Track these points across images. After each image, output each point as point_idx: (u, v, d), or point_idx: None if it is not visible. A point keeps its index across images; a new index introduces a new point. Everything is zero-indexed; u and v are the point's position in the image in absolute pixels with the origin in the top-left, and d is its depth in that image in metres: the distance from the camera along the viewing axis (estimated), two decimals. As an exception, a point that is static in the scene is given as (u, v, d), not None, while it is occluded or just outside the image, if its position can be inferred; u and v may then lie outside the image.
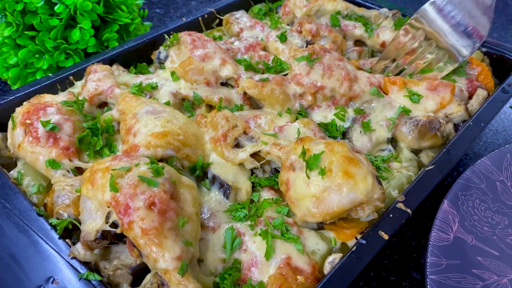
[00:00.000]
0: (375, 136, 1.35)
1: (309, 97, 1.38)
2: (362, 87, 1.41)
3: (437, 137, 1.33)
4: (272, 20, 1.81)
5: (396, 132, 1.35)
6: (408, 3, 2.69)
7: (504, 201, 1.19)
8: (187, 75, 1.45)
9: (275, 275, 0.95)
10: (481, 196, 1.18)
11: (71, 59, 1.66)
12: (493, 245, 1.11)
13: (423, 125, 1.32)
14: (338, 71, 1.38)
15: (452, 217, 1.11)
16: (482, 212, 1.15)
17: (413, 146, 1.35)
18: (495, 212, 1.17)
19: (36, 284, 0.95)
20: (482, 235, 1.11)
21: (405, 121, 1.35)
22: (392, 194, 1.18)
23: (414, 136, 1.32)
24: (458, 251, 1.06)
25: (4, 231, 1.04)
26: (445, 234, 1.08)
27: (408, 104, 1.40)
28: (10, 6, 1.56)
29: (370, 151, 1.33)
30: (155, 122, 1.19)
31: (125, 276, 1.01)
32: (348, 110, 1.38)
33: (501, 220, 1.16)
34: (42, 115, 1.22)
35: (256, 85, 1.39)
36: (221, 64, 1.49)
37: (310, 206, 1.02)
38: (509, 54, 1.62)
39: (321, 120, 1.38)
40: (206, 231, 1.06)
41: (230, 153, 1.20)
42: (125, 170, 0.96)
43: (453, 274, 1.01)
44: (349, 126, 1.35)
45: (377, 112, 1.39)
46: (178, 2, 2.67)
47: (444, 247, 1.06)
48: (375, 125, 1.37)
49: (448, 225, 1.10)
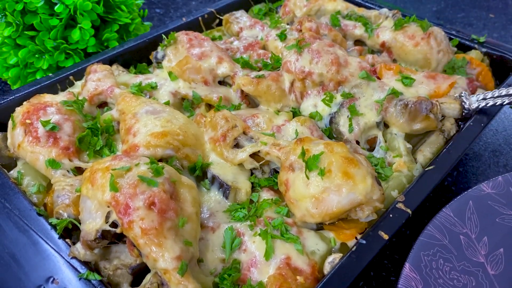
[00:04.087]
0: (364, 120, 1.31)
1: (298, 84, 1.37)
2: (351, 71, 1.37)
3: (430, 119, 1.27)
4: (272, 20, 1.81)
5: (386, 115, 1.31)
6: (408, 3, 2.69)
7: (470, 258, 1.07)
8: (184, 74, 1.45)
9: (274, 275, 0.95)
10: (445, 255, 1.06)
11: (71, 59, 1.66)
12: None
13: (413, 105, 1.27)
14: (326, 56, 1.36)
15: (415, 284, 0.99)
16: (447, 274, 1.03)
17: (405, 130, 1.30)
18: (461, 272, 1.04)
19: (36, 283, 0.95)
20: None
21: (395, 103, 1.30)
22: (392, 194, 1.18)
23: (404, 118, 1.28)
24: None
25: (4, 231, 1.04)
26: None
27: (399, 87, 1.37)
28: (10, 6, 1.56)
29: (358, 136, 1.30)
30: (155, 122, 1.19)
31: (125, 275, 1.01)
32: (336, 96, 1.35)
33: (467, 281, 1.03)
34: (42, 115, 1.22)
35: (252, 82, 1.39)
36: (218, 62, 1.48)
37: (310, 207, 1.02)
38: (509, 54, 1.62)
39: (312, 110, 1.36)
40: (205, 231, 1.06)
41: (229, 153, 1.20)
42: (125, 170, 0.97)
43: None
44: (336, 111, 1.33)
45: (367, 96, 1.35)
46: (178, 2, 2.67)
47: None
48: (364, 109, 1.33)
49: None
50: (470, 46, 1.69)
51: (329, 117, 1.35)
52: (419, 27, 1.59)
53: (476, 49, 1.68)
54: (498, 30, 2.43)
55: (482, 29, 2.43)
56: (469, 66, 1.60)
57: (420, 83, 1.39)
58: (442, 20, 2.50)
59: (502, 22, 2.50)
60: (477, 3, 2.68)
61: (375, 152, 1.32)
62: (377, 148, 1.32)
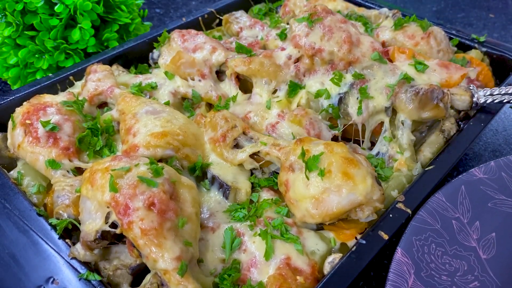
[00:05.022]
0: (373, 104, 1.27)
1: (307, 60, 1.32)
2: (363, 51, 1.33)
3: (439, 108, 1.24)
4: (272, 20, 1.81)
5: (395, 101, 1.27)
6: (408, 3, 2.69)
7: (462, 242, 1.07)
8: (179, 70, 1.44)
9: (274, 275, 0.95)
10: (437, 239, 1.05)
11: (71, 59, 1.66)
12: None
13: (424, 93, 1.23)
14: (338, 33, 1.31)
15: (407, 268, 0.99)
16: (439, 259, 1.03)
17: (413, 117, 1.27)
18: (453, 257, 1.04)
19: (36, 284, 0.95)
20: (441, 286, 0.99)
21: (406, 89, 1.26)
22: (392, 194, 1.18)
23: (414, 105, 1.24)
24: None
25: (4, 231, 1.04)
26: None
27: (412, 72, 1.32)
28: (10, 6, 1.56)
29: (365, 120, 1.27)
30: (155, 122, 1.19)
31: (125, 276, 1.01)
32: (346, 76, 1.31)
33: (459, 265, 1.04)
34: (42, 115, 1.22)
35: (244, 61, 1.36)
36: (212, 52, 1.46)
37: (310, 207, 1.02)
38: (509, 54, 1.62)
39: (319, 87, 1.31)
40: (205, 231, 1.06)
41: (229, 154, 1.20)
42: (125, 171, 0.97)
43: None
44: (346, 91, 1.28)
45: (378, 78, 1.31)
46: (178, 2, 2.67)
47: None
48: (374, 92, 1.29)
49: (403, 278, 0.97)
50: (470, 45, 1.69)
51: (338, 97, 1.30)
52: (419, 26, 1.58)
53: (476, 48, 1.68)
54: (498, 30, 2.43)
55: (482, 29, 2.43)
56: (469, 65, 1.60)
57: (433, 70, 1.35)
58: (442, 20, 2.50)
59: (502, 22, 2.50)
60: (477, 3, 2.68)
61: (378, 142, 1.29)
62: (380, 139, 1.30)
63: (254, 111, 1.32)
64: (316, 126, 1.26)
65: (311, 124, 1.26)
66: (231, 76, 1.43)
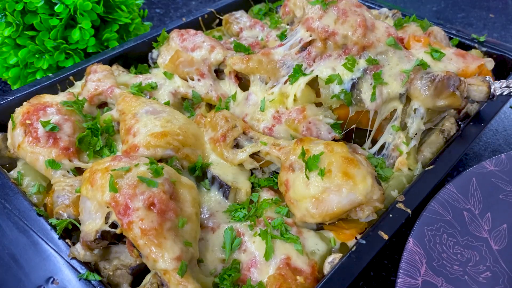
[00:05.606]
0: (387, 90, 1.23)
1: (319, 44, 1.29)
2: (378, 37, 1.28)
3: (455, 96, 1.19)
4: (272, 20, 1.81)
5: (410, 88, 1.23)
6: (408, 3, 2.69)
7: (473, 233, 1.08)
8: (178, 69, 1.45)
9: (274, 275, 0.95)
10: (449, 230, 1.06)
11: (71, 59, 1.66)
12: (465, 287, 0.98)
13: (440, 80, 1.19)
14: (353, 17, 1.27)
15: (419, 258, 0.99)
16: (451, 249, 1.03)
17: (428, 105, 1.23)
18: (465, 247, 1.05)
19: (36, 284, 0.95)
20: (453, 276, 0.99)
21: (421, 75, 1.22)
22: (392, 194, 1.18)
23: (429, 93, 1.20)
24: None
25: (4, 231, 1.04)
26: (413, 278, 0.97)
27: (428, 60, 1.28)
28: (10, 6, 1.56)
29: (379, 107, 1.23)
30: (155, 122, 1.19)
31: (125, 276, 1.01)
32: (359, 61, 1.26)
33: (471, 255, 1.04)
34: (42, 115, 1.22)
35: (242, 59, 1.35)
36: (210, 51, 1.47)
37: (310, 207, 1.02)
38: (509, 54, 1.62)
39: (330, 73, 1.27)
40: (205, 231, 1.06)
41: (229, 154, 1.20)
42: (125, 171, 0.97)
43: None
44: (359, 77, 1.24)
45: (392, 64, 1.26)
46: (178, 2, 2.67)
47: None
48: (388, 78, 1.25)
49: (415, 267, 0.98)
50: (470, 45, 1.69)
51: (351, 82, 1.25)
52: (419, 26, 1.59)
53: (476, 48, 1.68)
54: (498, 30, 2.43)
55: (482, 29, 2.43)
56: (469, 66, 1.60)
57: (449, 59, 1.31)
58: (442, 20, 2.50)
59: (502, 22, 2.50)
60: (477, 3, 2.68)
61: (386, 131, 1.28)
62: (388, 127, 1.28)
63: (250, 114, 1.31)
64: (314, 131, 1.24)
65: (308, 129, 1.23)
66: (229, 74, 1.43)
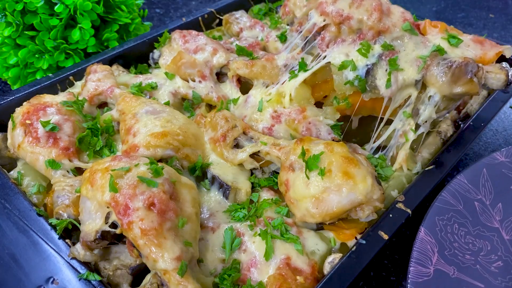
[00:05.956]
0: (403, 76, 1.21)
1: (333, 28, 1.27)
2: (393, 21, 1.26)
3: (473, 83, 1.16)
4: (272, 20, 1.81)
5: (426, 74, 1.20)
6: (408, 3, 2.69)
7: (485, 223, 1.08)
8: (180, 70, 1.45)
9: (274, 275, 0.95)
10: (460, 220, 1.07)
11: (71, 59, 1.66)
12: (477, 276, 0.99)
13: (458, 66, 1.15)
14: (368, 1, 1.25)
15: (430, 247, 1.00)
16: (462, 238, 1.04)
17: (444, 92, 1.19)
18: (476, 237, 1.06)
19: (36, 284, 0.95)
20: (464, 265, 1.00)
21: (438, 61, 1.19)
22: (392, 194, 1.18)
23: (446, 79, 1.16)
24: (440, 287, 0.96)
25: (4, 231, 1.04)
26: (425, 267, 0.97)
27: (444, 46, 1.25)
28: (10, 6, 1.56)
29: (394, 93, 1.21)
30: (155, 122, 1.19)
31: (125, 276, 1.01)
32: (374, 47, 1.24)
33: (483, 245, 1.05)
34: (42, 115, 1.22)
35: (246, 64, 1.36)
36: (213, 53, 1.47)
37: (310, 207, 1.02)
38: (509, 54, 1.62)
39: (343, 58, 1.24)
40: (205, 231, 1.06)
41: (229, 154, 1.20)
42: (125, 171, 0.97)
43: None
44: (374, 63, 1.22)
45: (408, 50, 1.23)
46: (178, 2, 2.67)
47: (424, 283, 0.95)
48: (404, 64, 1.22)
49: (427, 256, 0.99)
50: (470, 46, 1.68)
51: (365, 68, 1.23)
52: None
53: (476, 49, 1.67)
54: (498, 30, 2.43)
55: (482, 29, 2.43)
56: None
57: (467, 45, 1.29)
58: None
59: (502, 22, 2.50)
60: (477, 3, 2.68)
61: (396, 118, 1.26)
62: (399, 113, 1.26)
63: (249, 116, 1.32)
64: (313, 132, 1.24)
65: (308, 130, 1.23)
66: (232, 78, 1.43)
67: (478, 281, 0.99)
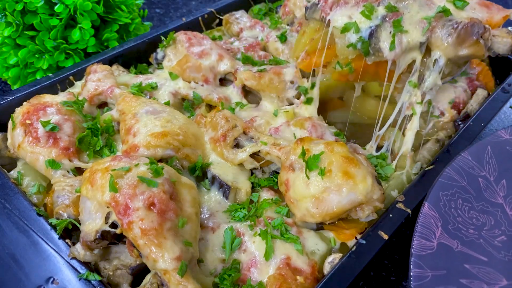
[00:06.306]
0: (407, 38, 1.17)
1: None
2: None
3: (479, 45, 1.14)
4: (272, 20, 1.81)
5: (431, 36, 1.17)
6: (408, 3, 2.68)
7: (488, 199, 1.08)
8: (185, 73, 1.45)
9: (274, 275, 0.95)
10: (464, 195, 1.07)
11: (71, 59, 1.66)
12: (480, 250, 1.00)
13: (464, 27, 1.13)
14: None
15: (434, 221, 1.00)
16: (466, 213, 1.04)
17: (449, 55, 1.17)
18: (480, 212, 1.06)
19: (36, 284, 0.95)
20: (468, 239, 1.00)
21: (443, 23, 1.16)
22: (392, 194, 1.18)
23: (451, 41, 1.14)
24: (444, 260, 0.96)
25: (4, 231, 1.04)
26: (428, 241, 0.98)
27: (450, 8, 1.22)
28: (10, 6, 1.56)
29: (398, 56, 1.19)
30: (155, 122, 1.19)
31: (125, 276, 1.01)
32: (378, 9, 1.21)
33: (486, 220, 1.05)
34: (42, 115, 1.22)
35: (254, 76, 1.39)
36: (219, 60, 1.48)
37: (310, 207, 1.02)
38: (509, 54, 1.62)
39: (346, 20, 1.21)
40: (205, 231, 1.06)
41: (229, 153, 1.20)
42: (125, 171, 0.97)
43: (439, 287, 0.91)
44: (377, 25, 1.19)
45: (413, 12, 1.20)
46: (178, 2, 2.67)
47: (427, 256, 0.95)
48: (409, 26, 1.18)
49: (431, 230, 1.00)
50: (470, 45, 1.68)
51: (369, 30, 1.19)
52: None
53: (476, 48, 1.67)
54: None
55: (482, 29, 2.43)
56: (469, 65, 1.60)
57: (473, 8, 1.25)
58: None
59: (502, 21, 2.50)
60: (477, 2, 2.67)
61: (404, 91, 1.24)
62: (406, 85, 1.24)
63: (261, 116, 1.35)
64: (318, 129, 1.27)
65: (314, 126, 1.27)
66: (238, 86, 1.46)
67: (482, 254, 0.99)
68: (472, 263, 0.97)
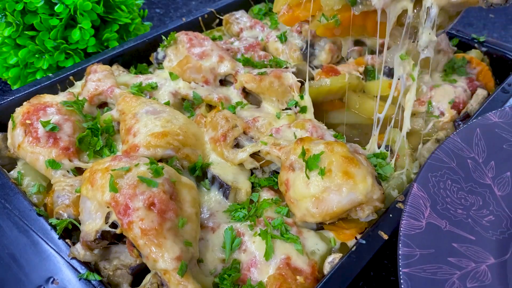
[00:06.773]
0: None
1: None
2: None
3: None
4: (272, 20, 1.81)
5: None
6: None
7: (477, 180, 1.09)
8: (185, 74, 1.46)
9: (274, 275, 0.95)
10: (453, 176, 1.08)
11: (71, 59, 1.66)
12: (468, 229, 1.01)
13: None
14: None
15: (423, 202, 1.02)
16: (454, 194, 1.05)
17: (441, 2, 1.11)
18: (468, 193, 1.07)
19: (36, 284, 0.95)
20: (456, 219, 1.02)
21: None
22: (392, 194, 1.18)
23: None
24: (432, 239, 0.97)
25: (4, 231, 1.04)
26: (417, 221, 0.99)
27: None
28: (10, 6, 1.56)
29: (387, 4, 1.11)
30: (155, 122, 1.19)
31: (125, 276, 1.01)
32: None
33: (475, 200, 1.06)
34: (42, 115, 1.22)
35: (254, 79, 1.39)
36: (219, 61, 1.48)
37: (310, 207, 1.02)
38: (509, 54, 1.62)
39: None
40: (205, 231, 1.06)
41: (229, 153, 1.20)
42: (125, 171, 0.97)
43: (427, 265, 0.92)
44: None
45: None
46: (178, 2, 2.67)
47: (416, 235, 0.96)
48: None
49: (419, 210, 1.01)
50: (470, 45, 1.69)
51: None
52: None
53: (476, 48, 1.68)
54: (498, 30, 2.43)
55: (482, 29, 2.43)
56: (469, 65, 1.61)
57: None
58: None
59: (502, 22, 2.50)
60: (477, 2, 2.67)
61: (395, 66, 1.20)
62: (395, 58, 1.20)
63: (263, 117, 1.35)
64: (319, 130, 1.28)
65: (314, 127, 1.28)
66: (239, 88, 1.46)
67: (470, 234, 1.00)
68: (460, 242, 0.98)
